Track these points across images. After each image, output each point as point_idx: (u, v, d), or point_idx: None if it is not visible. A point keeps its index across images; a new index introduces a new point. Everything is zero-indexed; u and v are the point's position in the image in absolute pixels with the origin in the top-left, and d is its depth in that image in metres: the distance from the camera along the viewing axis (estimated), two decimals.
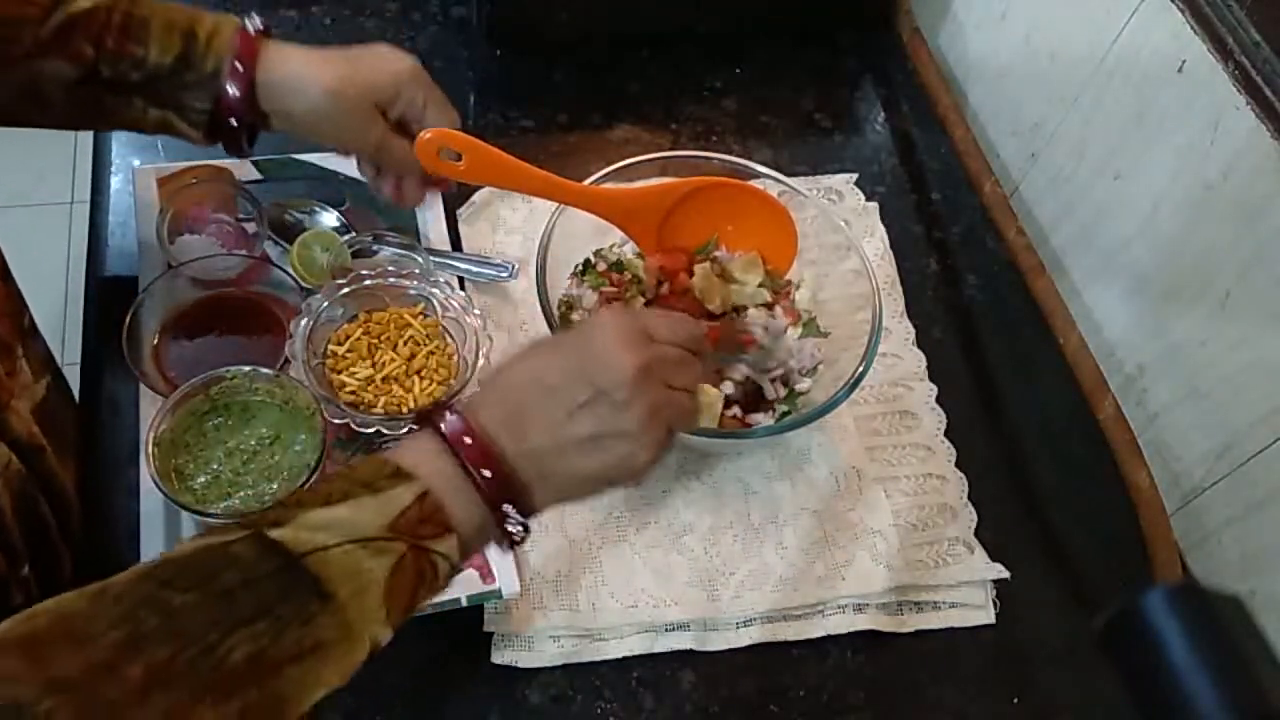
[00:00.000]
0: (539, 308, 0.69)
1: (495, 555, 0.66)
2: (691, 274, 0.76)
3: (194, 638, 0.40)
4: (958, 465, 0.77)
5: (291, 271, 0.75)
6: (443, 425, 0.49)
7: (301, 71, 0.64)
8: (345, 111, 0.65)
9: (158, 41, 0.61)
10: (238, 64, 0.62)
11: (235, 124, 0.64)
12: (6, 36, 0.58)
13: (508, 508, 0.49)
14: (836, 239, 0.76)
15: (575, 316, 0.75)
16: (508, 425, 0.50)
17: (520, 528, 0.50)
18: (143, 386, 0.70)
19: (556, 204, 0.74)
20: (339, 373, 0.71)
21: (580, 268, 0.78)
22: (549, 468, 0.51)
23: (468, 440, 0.48)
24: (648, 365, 0.51)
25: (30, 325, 0.72)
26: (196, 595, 0.41)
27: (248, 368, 0.66)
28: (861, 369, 0.68)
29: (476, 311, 0.73)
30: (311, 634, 0.42)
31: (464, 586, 0.65)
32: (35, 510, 0.61)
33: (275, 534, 0.43)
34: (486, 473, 0.48)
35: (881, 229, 0.89)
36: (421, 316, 0.74)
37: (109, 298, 0.77)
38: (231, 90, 0.63)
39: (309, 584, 0.42)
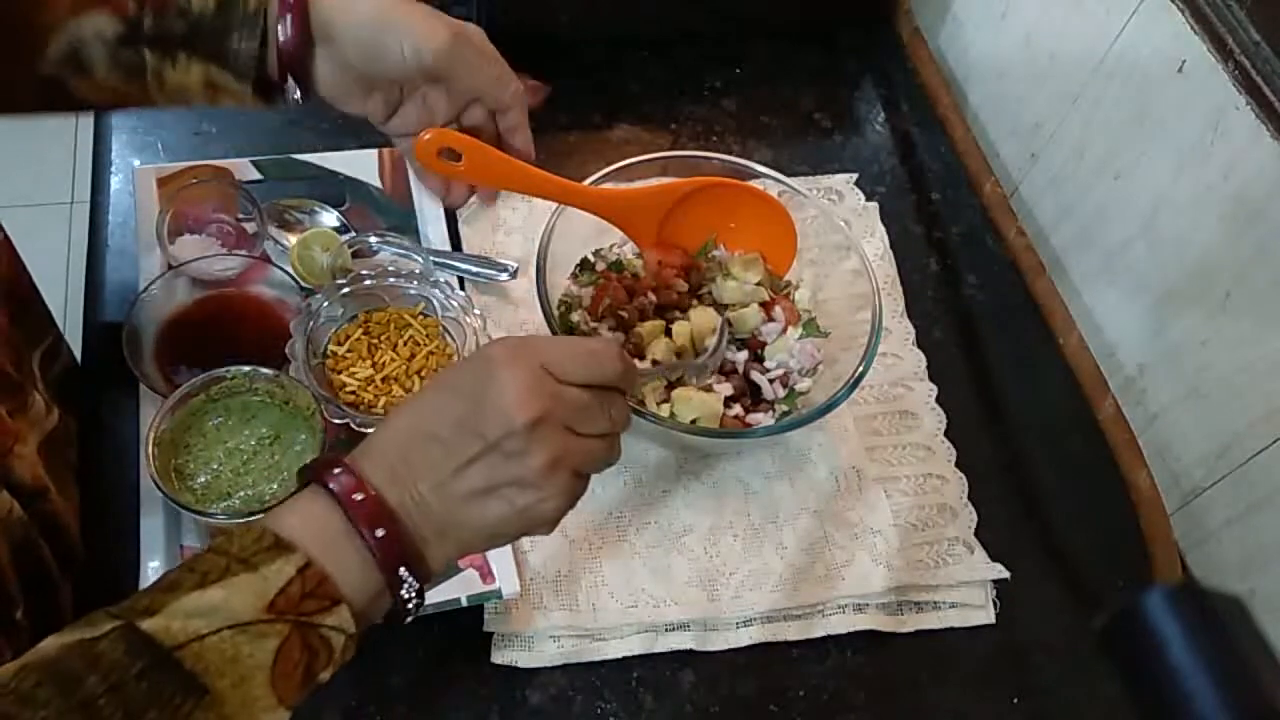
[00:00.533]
0: (539, 308, 0.69)
1: (495, 555, 0.66)
2: (688, 271, 0.76)
3: None
4: (958, 465, 0.77)
5: (291, 271, 0.75)
6: (330, 483, 0.45)
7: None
8: (406, 14, 0.62)
9: None
10: None
11: (282, 70, 0.62)
12: None
13: (403, 571, 0.46)
14: (836, 239, 0.76)
15: (575, 317, 0.75)
16: (396, 480, 0.47)
17: (415, 594, 0.47)
18: (143, 386, 0.70)
19: (556, 204, 0.74)
20: (339, 373, 0.71)
21: (578, 268, 0.78)
22: (443, 522, 0.48)
23: (357, 497, 0.45)
24: (543, 416, 0.47)
25: (51, 348, 0.71)
26: (55, 709, 0.37)
27: (248, 368, 0.66)
28: (861, 369, 0.68)
29: (476, 311, 0.73)
30: None
31: (464, 586, 0.65)
32: (35, 554, 0.60)
33: (146, 625, 0.40)
34: (380, 532, 0.45)
35: (881, 229, 0.89)
36: (421, 316, 0.74)
37: (109, 298, 0.77)
38: (282, 26, 0.60)
39: (182, 680, 0.39)
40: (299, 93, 0.65)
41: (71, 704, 0.38)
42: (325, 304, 0.71)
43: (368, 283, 0.73)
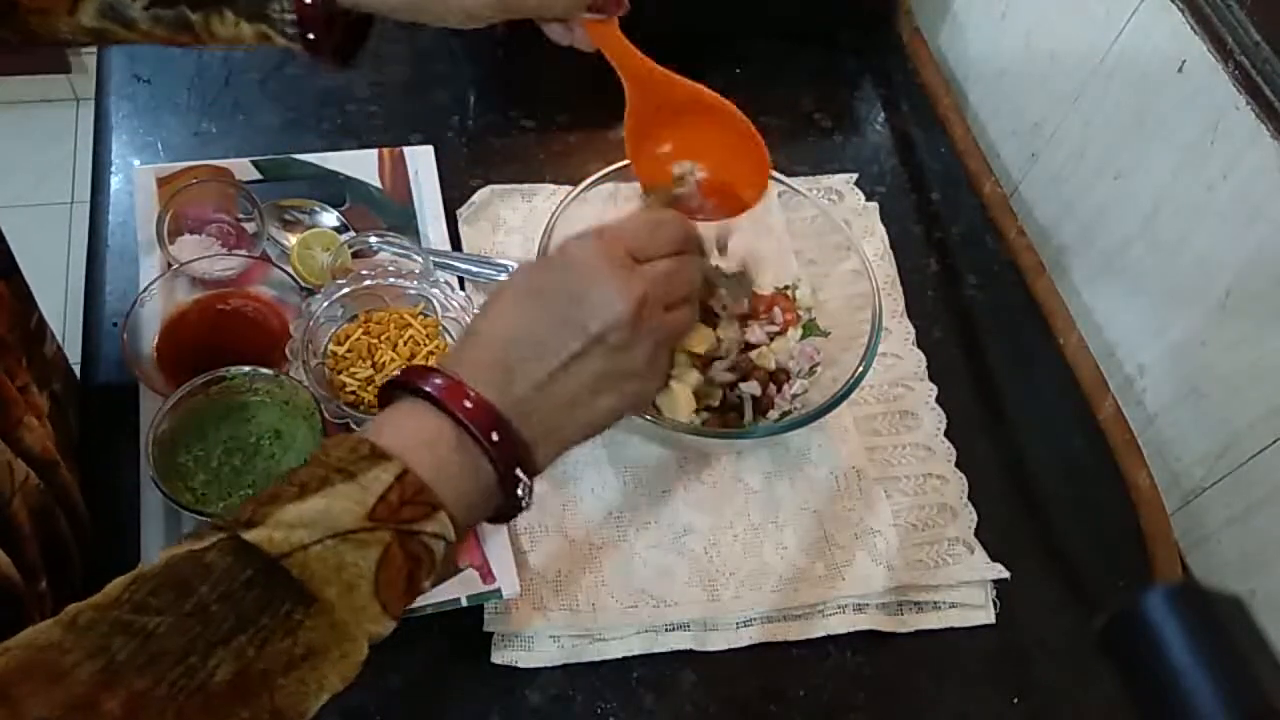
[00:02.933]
0: None
1: (495, 555, 0.66)
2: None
3: (172, 662, 0.37)
4: (958, 465, 0.77)
5: (291, 271, 0.75)
6: (435, 391, 0.45)
7: None
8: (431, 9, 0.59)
9: None
10: None
11: (315, 35, 0.59)
12: None
13: (518, 471, 0.46)
14: (836, 239, 0.76)
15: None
16: (498, 384, 0.46)
17: (527, 492, 0.47)
18: (143, 386, 0.70)
19: (557, 204, 0.73)
20: (339, 373, 0.71)
21: None
22: (549, 423, 0.47)
23: (467, 404, 0.45)
24: (643, 298, 0.48)
25: (38, 327, 0.72)
26: (171, 616, 0.38)
27: (248, 368, 0.66)
28: (861, 369, 0.68)
29: (476, 311, 0.73)
30: (300, 641, 0.40)
31: (464, 586, 0.65)
32: (53, 525, 0.60)
33: (250, 536, 0.40)
34: (495, 436, 0.45)
35: (881, 229, 0.89)
36: (421, 316, 0.74)
37: (109, 298, 0.77)
38: None
39: (291, 589, 0.40)
40: (354, 55, 0.62)
41: (185, 611, 0.38)
42: (325, 304, 0.71)
43: (368, 283, 0.73)
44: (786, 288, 0.79)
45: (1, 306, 0.64)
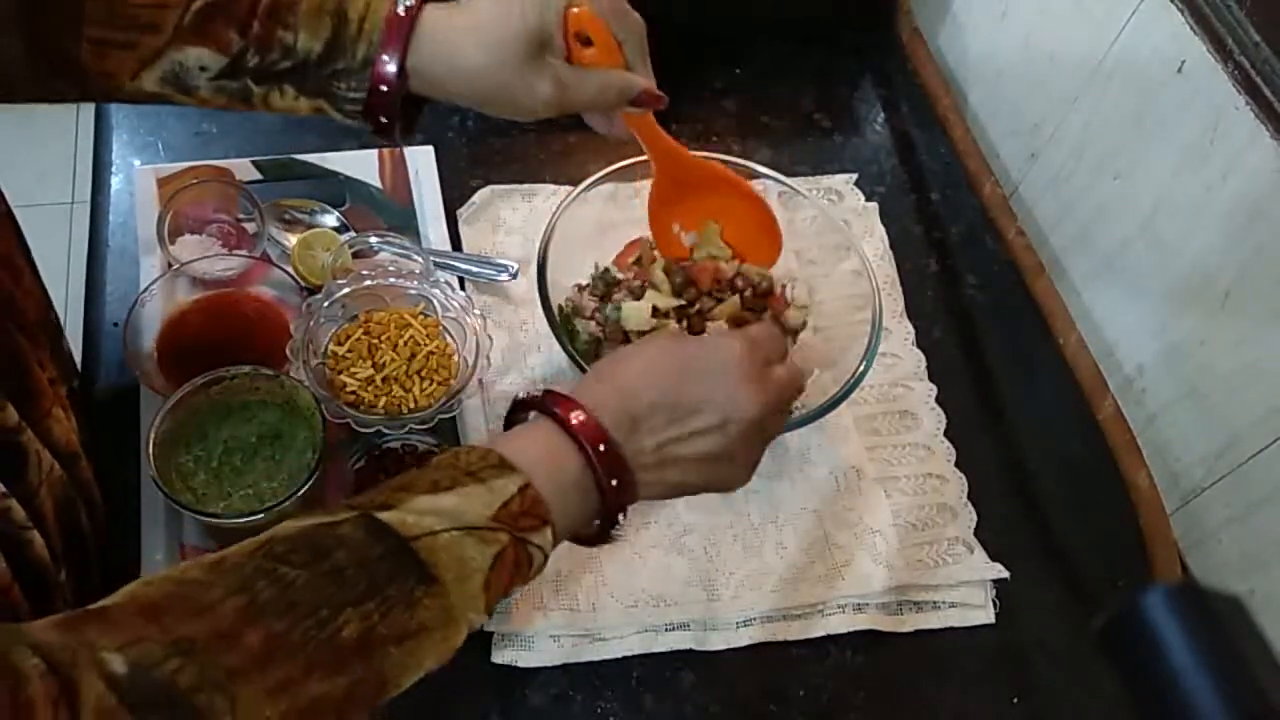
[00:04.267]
0: (539, 308, 0.69)
1: None
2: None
3: (308, 612, 0.41)
4: (958, 465, 0.77)
5: (292, 271, 0.75)
6: (577, 429, 0.50)
7: (449, 43, 0.59)
8: (505, 83, 0.60)
9: (306, 25, 0.57)
10: (386, 52, 0.58)
11: (387, 119, 0.60)
12: (149, 22, 0.56)
13: (621, 516, 0.52)
14: (836, 239, 0.76)
15: (578, 324, 0.74)
16: (624, 430, 0.51)
17: (620, 531, 0.53)
18: (143, 386, 0.70)
19: (557, 204, 0.74)
20: (339, 373, 0.71)
21: (594, 280, 0.77)
22: (653, 476, 0.53)
23: (601, 447, 0.50)
24: (771, 402, 0.54)
25: (55, 323, 0.72)
26: (310, 572, 0.42)
27: (248, 368, 0.66)
28: (861, 369, 0.68)
29: (476, 311, 0.73)
30: (416, 616, 0.43)
31: None
32: (74, 517, 0.61)
33: (384, 516, 0.44)
34: (614, 482, 0.50)
35: (881, 229, 0.89)
36: (421, 316, 0.74)
37: (109, 298, 0.77)
38: (384, 83, 0.58)
39: (417, 568, 0.43)
40: (409, 131, 0.64)
41: (323, 569, 0.42)
42: (325, 304, 0.71)
43: (368, 283, 0.73)
44: (782, 286, 0.79)
45: (30, 299, 0.64)
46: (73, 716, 0.35)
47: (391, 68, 0.58)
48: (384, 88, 0.59)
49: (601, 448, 0.50)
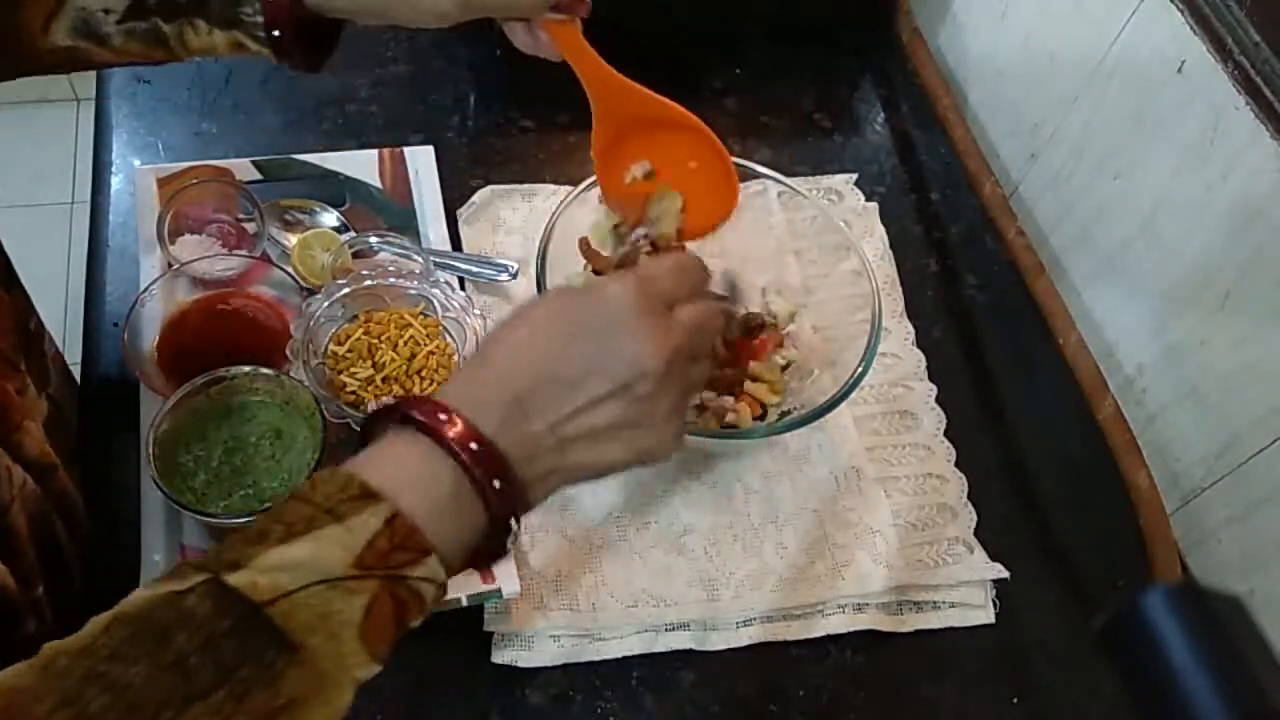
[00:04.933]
0: None
1: None
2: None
3: (147, 717, 0.36)
4: (958, 465, 0.77)
5: (292, 271, 0.75)
6: (441, 429, 0.43)
7: None
8: (399, 13, 0.58)
9: None
10: None
11: (281, 35, 0.58)
12: None
13: (512, 521, 0.45)
14: (836, 239, 0.76)
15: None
16: (507, 422, 0.44)
17: (514, 538, 0.46)
18: (143, 386, 0.70)
19: (557, 204, 0.74)
20: (339, 373, 0.71)
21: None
22: (553, 463, 0.46)
23: (473, 445, 0.43)
24: (675, 350, 0.47)
25: (36, 330, 0.72)
26: (146, 667, 0.36)
27: (248, 368, 0.66)
28: (861, 369, 0.68)
29: (476, 311, 0.73)
30: (282, 691, 0.38)
31: (464, 586, 0.65)
32: (50, 530, 0.60)
33: (233, 579, 0.39)
34: (496, 484, 0.43)
35: (881, 229, 0.89)
36: (421, 316, 0.74)
37: (109, 298, 0.77)
38: None
39: (273, 637, 0.38)
40: (326, 55, 0.62)
41: (164, 663, 0.37)
42: (325, 304, 0.71)
43: (368, 283, 0.73)
44: (772, 323, 0.78)
45: (3, 311, 0.64)
46: None
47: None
48: None
49: (474, 446, 0.43)
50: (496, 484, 0.43)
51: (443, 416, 0.43)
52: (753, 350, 0.74)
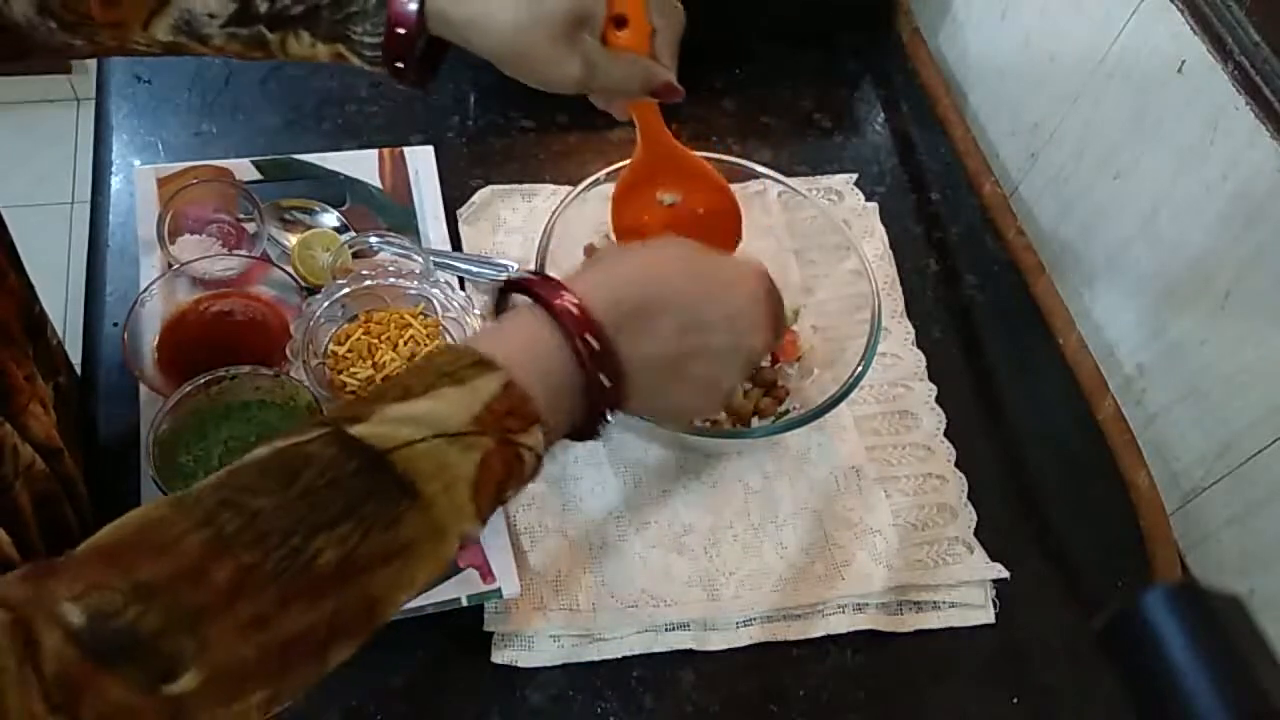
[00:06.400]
0: None
1: (495, 555, 0.66)
2: None
3: (279, 541, 0.38)
4: (957, 465, 0.77)
5: (292, 271, 0.75)
6: (564, 318, 0.46)
7: (481, 5, 0.57)
8: (534, 47, 0.58)
9: None
10: None
11: (403, 64, 0.58)
12: None
13: (608, 414, 0.48)
14: (836, 239, 0.76)
15: None
16: (626, 323, 0.47)
17: (606, 427, 0.49)
18: (143, 386, 0.70)
19: (557, 204, 0.74)
20: (339, 373, 0.71)
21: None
22: (648, 386, 0.49)
23: (592, 340, 0.46)
24: (772, 339, 0.53)
25: (39, 317, 0.72)
26: (278, 498, 0.39)
27: (248, 368, 0.66)
28: (861, 369, 0.68)
29: (476, 311, 0.73)
30: (400, 533, 0.41)
31: (464, 586, 0.65)
32: (57, 511, 0.60)
33: (355, 430, 0.41)
34: (593, 342, 0.46)
35: (881, 229, 0.89)
36: (421, 316, 0.74)
37: (109, 298, 0.77)
38: (401, 21, 0.56)
39: (395, 481, 0.41)
40: (433, 77, 0.62)
41: (293, 494, 0.39)
42: (325, 304, 0.71)
43: (368, 283, 0.73)
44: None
45: (10, 297, 0.64)
46: (37, 671, 0.34)
47: (411, 6, 0.56)
48: (401, 30, 0.57)
49: (590, 339, 0.46)
50: (607, 382, 0.47)
51: (569, 300, 0.46)
52: (783, 349, 0.75)
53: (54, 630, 0.35)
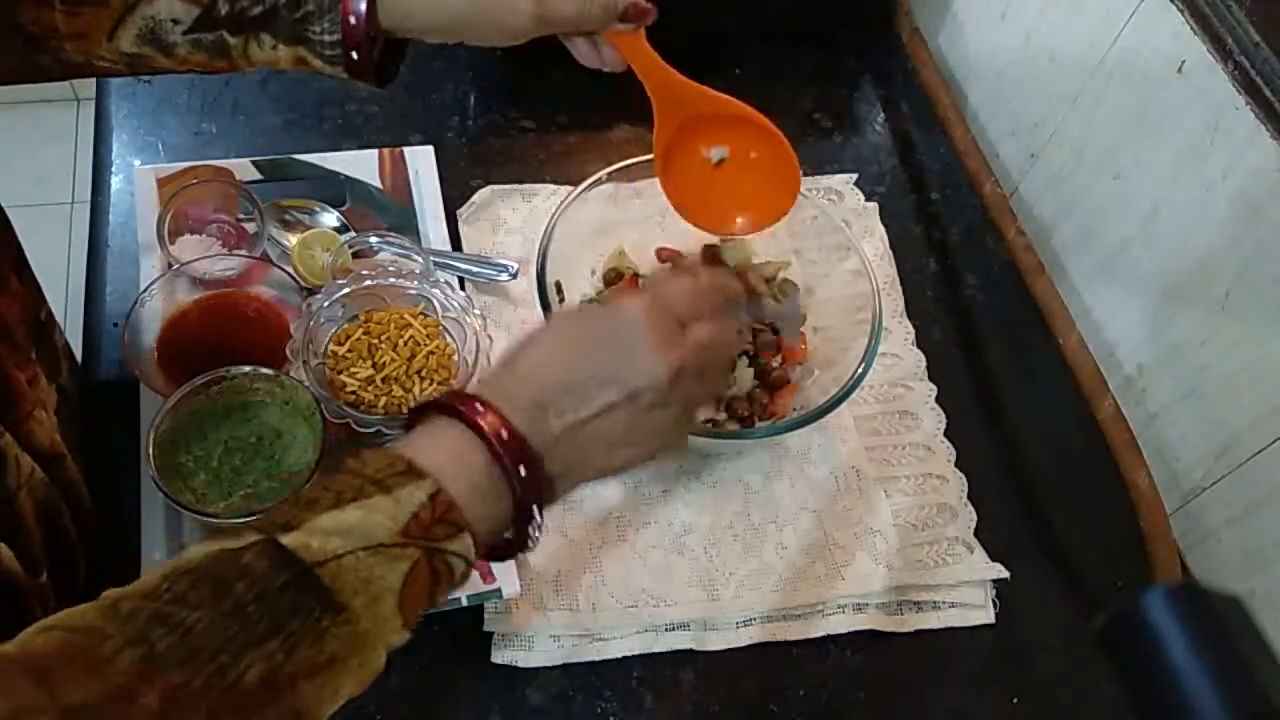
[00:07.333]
0: (539, 308, 0.69)
1: None
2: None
3: (209, 658, 0.38)
4: (957, 465, 0.77)
5: (292, 271, 0.75)
6: (476, 419, 0.47)
7: None
8: (483, 8, 0.59)
9: None
10: None
11: (358, 55, 0.59)
12: None
13: (534, 509, 0.48)
14: (836, 239, 0.76)
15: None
16: (532, 421, 0.48)
17: (538, 530, 0.49)
18: (143, 386, 0.70)
19: (557, 204, 0.74)
20: (339, 373, 0.71)
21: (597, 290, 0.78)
22: (571, 462, 0.50)
23: (504, 435, 0.47)
24: (683, 366, 0.50)
25: (47, 319, 0.72)
26: (210, 612, 0.39)
27: (248, 368, 0.66)
28: (861, 369, 0.68)
29: (476, 311, 0.73)
30: (326, 648, 0.41)
31: (464, 586, 0.65)
32: (57, 518, 0.60)
33: (287, 540, 0.42)
34: (523, 471, 0.47)
35: (881, 229, 0.89)
36: (421, 316, 0.74)
37: (109, 297, 0.77)
38: (353, 15, 0.57)
39: (322, 596, 0.41)
40: (392, 75, 0.63)
41: (224, 609, 0.39)
42: (325, 304, 0.71)
43: (368, 283, 0.73)
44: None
45: (15, 301, 0.64)
46: None
47: (361, 2, 0.57)
48: (353, 19, 0.57)
49: (504, 434, 0.47)
50: (522, 470, 0.47)
51: (479, 406, 0.47)
52: (793, 352, 0.76)
53: None
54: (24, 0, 0.55)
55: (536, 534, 0.50)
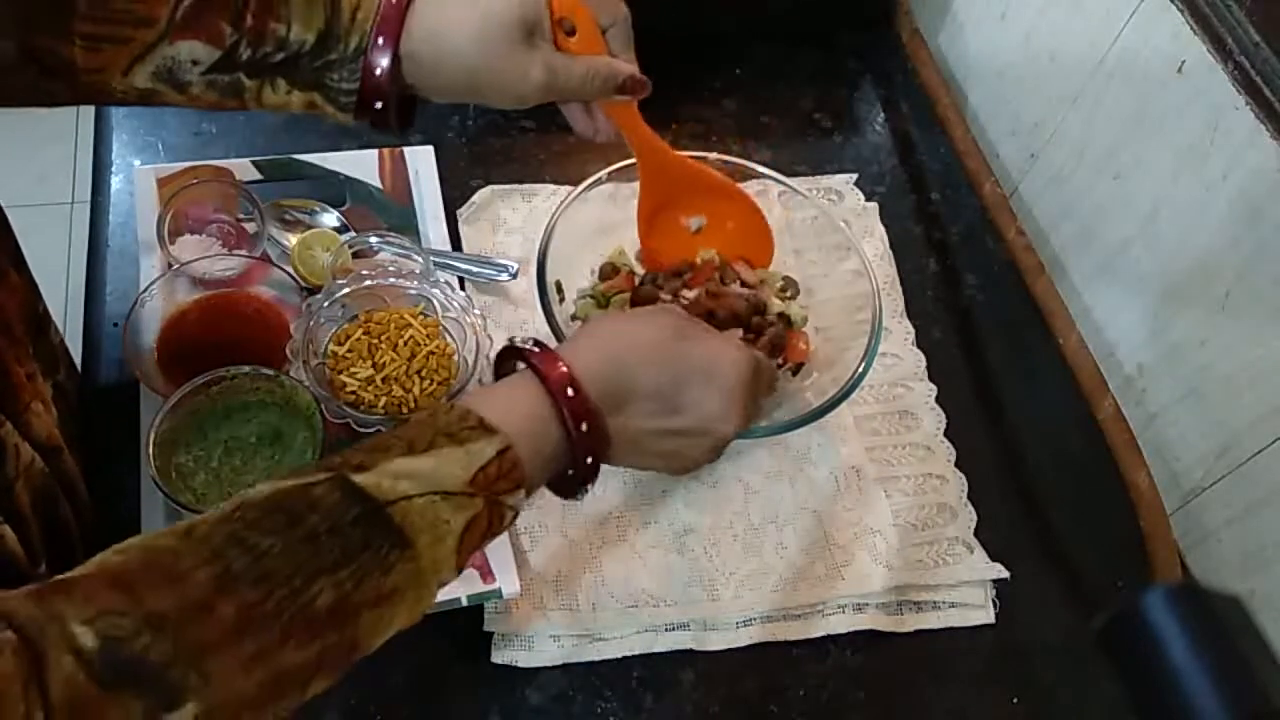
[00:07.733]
0: (539, 308, 0.69)
1: (495, 555, 0.66)
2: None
3: (282, 581, 0.40)
4: (957, 465, 0.77)
5: (292, 271, 0.75)
6: (565, 402, 0.50)
7: (442, 30, 0.58)
8: (496, 59, 0.59)
9: (299, 16, 0.56)
10: (380, 38, 0.57)
11: (381, 106, 0.60)
12: (143, 17, 0.55)
13: (589, 460, 0.52)
14: (836, 239, 0.76)
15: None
16: (611, 405, 0.52)
17: (586, 490, 0.54)
18: (143, 386, 0.70)
19: (557, 204, 0.74)
20: (339, 373, 0.71)
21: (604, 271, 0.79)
22: (618, 454, 0.55)
23: (585, 428, 0.51)
24: (745, 427, 0.58)
25: (43, 316, 0.72)
26: (283, 538, 0.41)
27: (248, 368, 0.66)
28: (861, 369, 0.68)
29: (476, 311, 0.73)
30: (389, 581, 0.43)
31: (464, 586, 0.65)
32: (55, 510, 0.61)
33: (359, 479, 0.44)
34: (590, 459, 0.52)
35: (881, 229, 0.89)
36: (421, 316, 0.74)
37: (109, 297, 0.77)
38: (377, 69, 0.58)
39: (391, 533, 0.43)
40: (406, 126, 0.64)
41: (297, 536, 0.41)
42: (325, 304, 0.71)
43: (368, 283, 0.73)
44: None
45: (14, 296, 0.64)
46: (42, 693, 0.34)
47: (385, 58, 0.58)
48: (377, 72, 0.58)
49: (584, 428, 0.51)
50: (590, 459, 0.52)
51: (569, 387, 0.51)
52: (795, 353, 0.76)
53: (65, 653, 0.35)
54: (43, 34, 0.55)
55: (584, 493, 0.55)
